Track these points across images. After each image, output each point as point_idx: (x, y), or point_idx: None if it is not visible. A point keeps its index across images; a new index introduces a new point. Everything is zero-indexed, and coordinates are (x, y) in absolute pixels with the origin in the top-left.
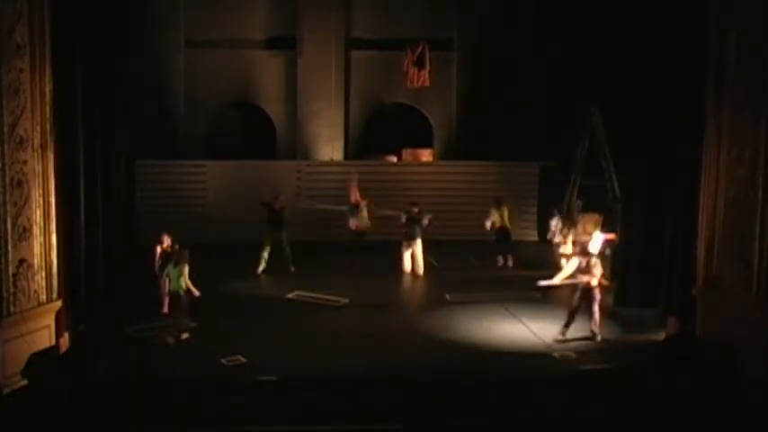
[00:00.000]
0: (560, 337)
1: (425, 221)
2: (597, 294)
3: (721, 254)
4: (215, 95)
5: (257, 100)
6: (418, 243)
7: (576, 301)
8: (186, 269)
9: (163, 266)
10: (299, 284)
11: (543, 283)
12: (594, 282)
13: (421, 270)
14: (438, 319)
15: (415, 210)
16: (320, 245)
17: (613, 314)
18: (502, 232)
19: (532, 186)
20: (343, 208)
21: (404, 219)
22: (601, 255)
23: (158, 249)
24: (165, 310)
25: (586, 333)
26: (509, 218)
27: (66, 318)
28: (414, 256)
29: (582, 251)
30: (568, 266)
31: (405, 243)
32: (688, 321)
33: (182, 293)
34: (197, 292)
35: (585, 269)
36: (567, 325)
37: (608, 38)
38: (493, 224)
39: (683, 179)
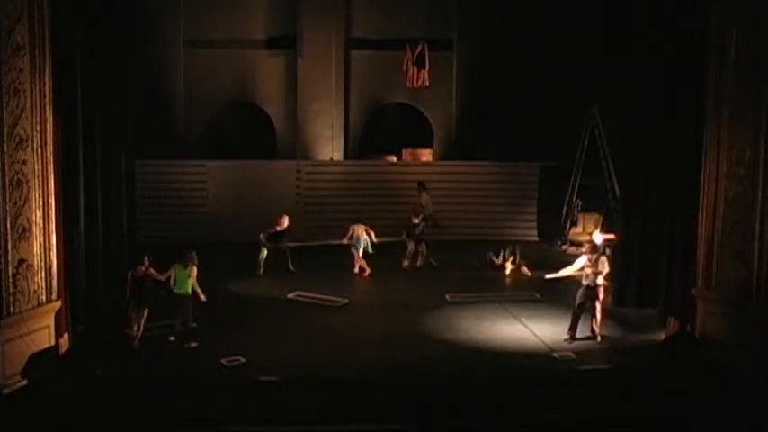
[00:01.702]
0: (567, 338)
1: (418, 230)
2: (600, 293)
3: (721, 254)
4: (215, 95)
5: (257, 100)
6: (422, 244)
7: (579, 300)
8: (195, 271)
9: (135, 292)
10: (299, 284)
11: (549, 276)
12: (600, 280)
13: (419, 263)
14: (438, 319)
15: (416, 221)
16: (320, 245)
17: (613, 314)
18: None
19: (532, 186)
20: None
21: (405, 235)
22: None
23: (129, 275)
24: (136, 344)
25: (586, 333)
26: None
27: (66, 318)
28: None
29: (591, 248)
30: (576, 262)
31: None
32: (688, 321)
33: (189, 296)
34: (203, 297)
35: (592, 265)
36: (573, 326)
37: (608, 38)
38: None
39: (683, 179)
